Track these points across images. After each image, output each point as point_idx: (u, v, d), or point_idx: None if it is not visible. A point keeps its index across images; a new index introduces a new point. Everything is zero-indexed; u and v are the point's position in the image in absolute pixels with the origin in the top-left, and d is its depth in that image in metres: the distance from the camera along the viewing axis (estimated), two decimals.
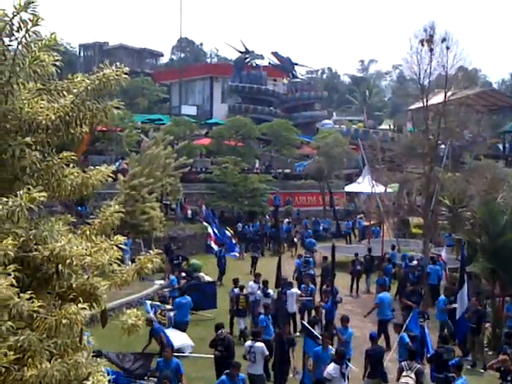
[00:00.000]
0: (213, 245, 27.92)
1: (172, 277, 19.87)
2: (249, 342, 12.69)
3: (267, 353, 12.49)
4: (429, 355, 13.61)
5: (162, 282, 23.70)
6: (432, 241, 25.86)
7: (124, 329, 6.07)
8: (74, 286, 5.85)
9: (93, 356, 5.47)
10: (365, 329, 18.57)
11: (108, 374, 5.75)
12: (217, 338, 12.85)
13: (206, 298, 18.76)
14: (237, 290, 17.59)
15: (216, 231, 28.72)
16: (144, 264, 6.18)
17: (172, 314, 16.73)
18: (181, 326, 16.26)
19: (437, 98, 24.52)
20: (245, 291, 17.49)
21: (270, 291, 17.44)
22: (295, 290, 18.19)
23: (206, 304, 18.82)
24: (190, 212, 35.33)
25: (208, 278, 23.03)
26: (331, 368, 11.41)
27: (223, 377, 10.42)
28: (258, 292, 17.67)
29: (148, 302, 17.39)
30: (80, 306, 5.39)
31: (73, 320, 5.29)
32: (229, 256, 27.28)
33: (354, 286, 24.85)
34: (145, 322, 6.19)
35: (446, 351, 12.67)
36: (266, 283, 17.72)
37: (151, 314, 15.85)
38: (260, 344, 12.45)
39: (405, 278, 21.92)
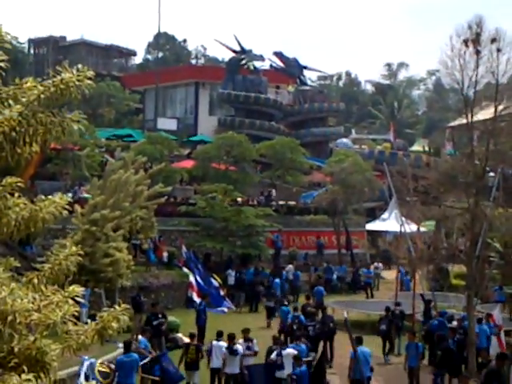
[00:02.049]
0: (195, 297, 27.83)
1: (141, 338, 19.80)
2: None
3: None
4: None
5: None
6: (478, 295, 25.80)
7: None
8: (16, 350, 5.83)
9: None
10: None
11: None
12: None
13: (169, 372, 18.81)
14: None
15: (199, 279, 28.66)
16: (107, 323, 6.18)
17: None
18: None
19: (484, 113, 24.71)
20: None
21: (238, 346, 18.74)
22: (292, 350, 18.71)
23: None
24: (166, 254, 35.31)
25: (187, 340, 22.93)
26: None
27: None
28: (224, 349, 18.88)
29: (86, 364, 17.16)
30: (24, 376, 5.37)
31: None
32: (215, 312, 27.18)
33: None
34: None
35: None
36: (232, 338, 18.93)
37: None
38: None
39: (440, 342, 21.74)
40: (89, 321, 6.34)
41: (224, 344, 19.26)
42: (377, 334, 25.05)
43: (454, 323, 23.60)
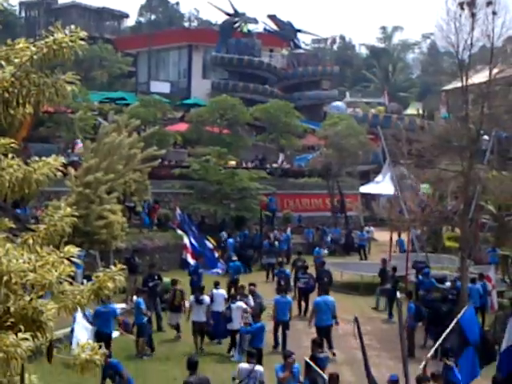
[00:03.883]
0: (189, 259, 27.95)
1: (137, 299, 19.94)
2: (246, 365, 13.99)
3: (264, 379, 13.92)
4: None
5: (123, 305, 23.75)
6: (471, 257, 25.98)
7: (76, 365, 6.07)
8: (12, 310, 5.84)
9: None
10: (382, 367, 18.80)
11: None
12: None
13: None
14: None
15: (193, 241, 28.76)
16: (103, 283, 6.19)
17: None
18: (102, 337, 16.62)
19: (479, 77, 24.63)
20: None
21: (205, 297, 20.30)
22: (241, 304, 19.96)
23: None
24: (160, 216, 35.41)
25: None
26: None
27: None
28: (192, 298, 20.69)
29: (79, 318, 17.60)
30: (20, 335, 5.39)
31: (10, 354, 5.29)
32: (209, 273, 27.33)
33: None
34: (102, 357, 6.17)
35: None
36: (202, 289, 20.86)
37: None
38: (260, 368, 13.99)
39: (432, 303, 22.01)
40: (84, 281, 6.35)
41: (223, 292, 21.35)
42: (379, 294, 26.28)
43: (448, 284, 23.79)
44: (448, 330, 15.62)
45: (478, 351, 15.90)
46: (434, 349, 15.54)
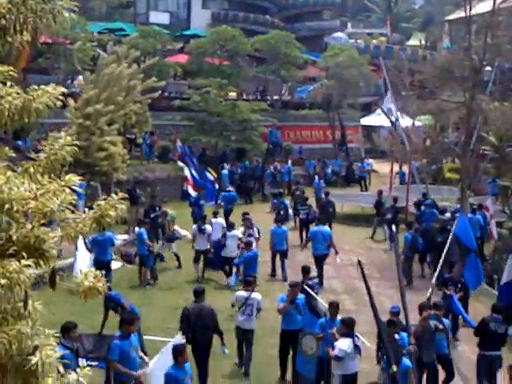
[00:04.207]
0: (190, 190, 27.98)
1: (139, 229, 20.08)
2: (243, 292, 14.10)
3: (262, 305, 14.12)
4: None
5: (125, 236, 23.96)
6: (471, 188, 26.05)
7: (79, 292, 6.13)
8: (14, 238, 5.86)
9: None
10: (382, 296, 19.07)
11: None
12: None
13: None
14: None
15: (194, 173, 28.76)
16: (105, 211, 6.19)
17: None
18: (100, 265, 16.99)
19: (483, 7, 24.28)
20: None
21: (207, 226, 20.80)
22: (236, 232, 20.62)
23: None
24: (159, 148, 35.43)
25: (184, 233, 23.25)
26: (343, 343, 11.60)
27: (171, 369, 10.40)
28: (194, 227, 21.20)
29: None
30: (23, 262, 5.42)
31: (14, 280, 5.33)
32: (210, 205, 27.45)
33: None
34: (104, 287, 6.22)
35: (494, 320, 12.94)
36: (204, 218, 21.46)
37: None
38: (258, 296, 14.07)
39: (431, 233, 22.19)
40: (86, 209, 6.36)
41: (222, 221, 22.07)
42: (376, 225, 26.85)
43: (447, 215, 23.91)
44: (444, 253, 15.81)
45: (478, 256, 16.36)
46: (435, 276, 15.76)
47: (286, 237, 21.16)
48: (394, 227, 19.05)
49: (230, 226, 20.83)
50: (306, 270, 15.47)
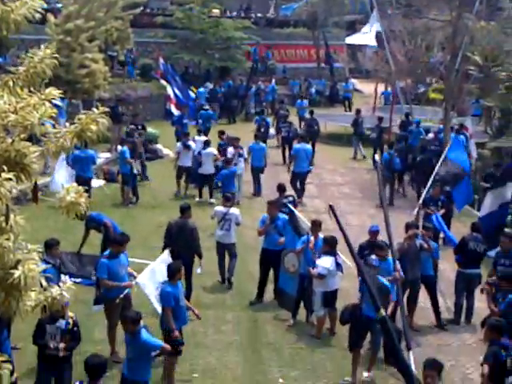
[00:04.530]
0: (173, 109, 27.74)
1: (122, 148, 19.96)
2: (221, 208, 14.40)
3: (241, 220, 14.35)
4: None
5: (107, 154, 23.84)
6: (455, 108, 26.01)
7: (61, 207, 6.09)
8: None
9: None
10: (364, 215, 19.27)
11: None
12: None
13: None
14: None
15: (177, 92, 28.45)
16: (86, 125, 6.11)
17: None
18: (81, 182, 16.96)
19: None
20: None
21: (191, 142, 20.99)
22: (211, 149, 20.60)
23: None
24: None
25: (167, 151, 23.21)
26: (326, 261, 11.75)
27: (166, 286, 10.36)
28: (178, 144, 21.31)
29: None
30: (4, 175, 5.37)
31: None
32: (194, 124, 27.30)
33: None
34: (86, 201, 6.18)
35: (474, 239, 13.09)
36: (187, 134, 21.63)
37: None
38: (236, 211, 14.39)
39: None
40: (67, 124, 6.26)
41: (204, 139, 21.61)
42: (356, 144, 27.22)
43: (431, 135, 23.93)
44: (432, 179, 15.89)
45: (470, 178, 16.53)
46: (422, 197, 15.90)
47: (264, 154, 21.22)
48: (377, 152, 19.09)
49: (206, 144, 20.78)
50: (281, 188, 15.66)
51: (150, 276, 10.98)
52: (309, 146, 21.74)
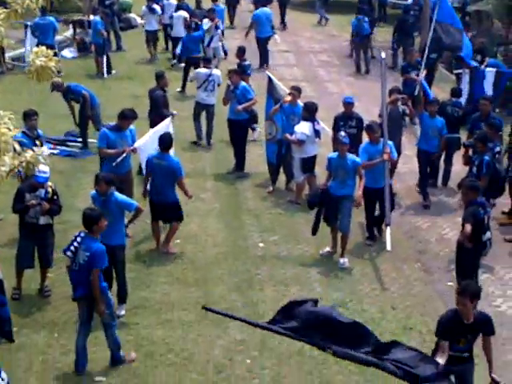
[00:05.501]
0: None
1: (94, 18, 19.41)
2: (204, 70, 14.51)
3: (222, 82, 14.47)
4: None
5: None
6: None
7: (31, 72, 5.93)
8: None
9: None
10: (342, 82, 19.16)
11: None
12: None
13: None
14: None
15: None
16: None
17: None
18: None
19: None
20: None
21: (157, 7, 20.65)
22: (183, 13, 20.20)
23: None
24: None
25: (140, 20, 22.62)
26: (304, 126, 11.70)
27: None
28: (144, 8, 20.94)
29: None
30: None
31: None
32: None
33: None
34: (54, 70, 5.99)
35: (452, 104, 13.07)
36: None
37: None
38: (218, 72, 14.69)
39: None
40: None
41: (174, 1, 20.95)
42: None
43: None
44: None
45: None
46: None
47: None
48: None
49: (178, 8, 20.61)
50: (241, 50, 15.83)
51: (150, 141, 10.93)
52: (269, 11, 21.03)
